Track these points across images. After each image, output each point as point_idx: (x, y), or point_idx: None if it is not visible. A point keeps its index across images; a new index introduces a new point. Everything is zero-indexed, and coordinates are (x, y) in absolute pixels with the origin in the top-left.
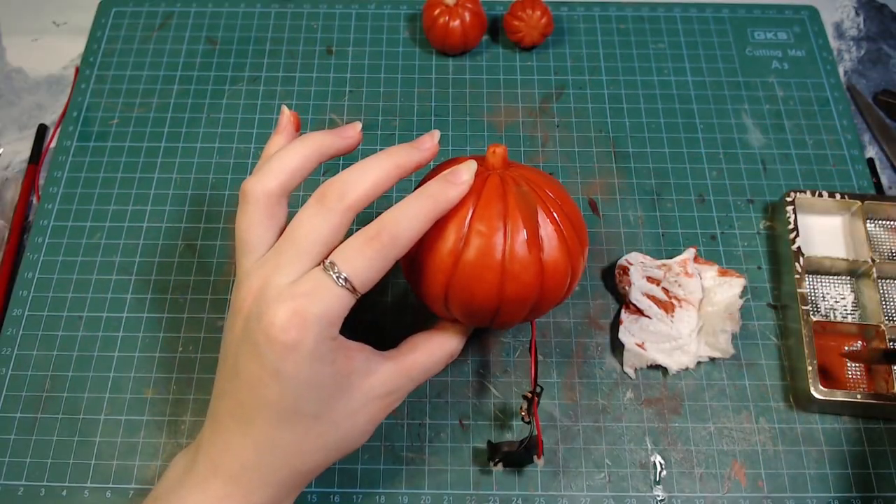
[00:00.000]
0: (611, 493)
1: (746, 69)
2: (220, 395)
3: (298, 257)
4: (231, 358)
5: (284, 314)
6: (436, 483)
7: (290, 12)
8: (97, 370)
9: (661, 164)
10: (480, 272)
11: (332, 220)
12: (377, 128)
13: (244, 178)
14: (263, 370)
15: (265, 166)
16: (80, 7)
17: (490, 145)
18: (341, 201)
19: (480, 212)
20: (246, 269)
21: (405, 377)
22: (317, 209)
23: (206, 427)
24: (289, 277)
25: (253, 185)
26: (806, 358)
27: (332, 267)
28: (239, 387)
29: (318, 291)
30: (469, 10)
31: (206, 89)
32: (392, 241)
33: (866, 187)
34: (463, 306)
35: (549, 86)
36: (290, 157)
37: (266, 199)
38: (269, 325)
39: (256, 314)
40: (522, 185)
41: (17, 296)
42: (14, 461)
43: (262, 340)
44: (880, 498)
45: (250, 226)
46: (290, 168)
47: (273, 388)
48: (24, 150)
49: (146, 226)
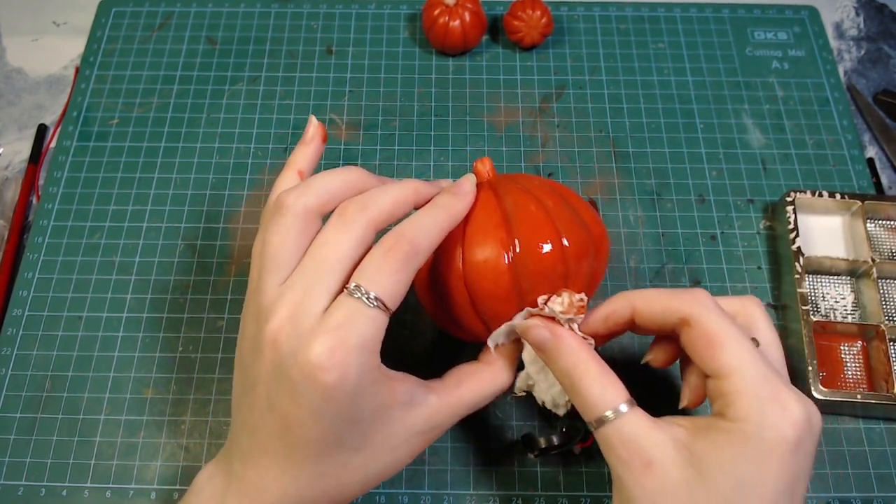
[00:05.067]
0: (611, 493)
1: (746, 69)
2: (249, 428)
3: (326, 277)
4: (261, 391)
5: (322, 351)
6: (436, 483)
7: (290, 12)
8: (97, 370)
9: (661, 164)
10: (489, 268)
11: (356, 233)
12: (377, 128)
13: (244, 177)
14: (302, 409)
15: (306, 184)
16: (80, 7)
17: (476, 160)
18: (363, 213)
19: (474, 219)
20: (272, 294)
21: (449, 413)
22: (339, 224)
23: (234, 458)
24: (319, 304)
25: (294, 199)
26: (806, 358)
27: (360, 289)
28: (274, 423)
29: (351, 319)
30: (469, 10)
31: (206, 89)
32: (412, 249)
33: (866, 187)
34: (490, 308)
35: (549, 86)
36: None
37: (305, 215)
38: (307, 363)
39: (291, 351)
40: (520, 183)
41: (17, 296)
42: (14, 461)
43: (300, 379)
44: (880, 498)
45: (283, 241)
46: (332, 189)
47: (314, 428)
48: (24, 150)
49: (146, 226)
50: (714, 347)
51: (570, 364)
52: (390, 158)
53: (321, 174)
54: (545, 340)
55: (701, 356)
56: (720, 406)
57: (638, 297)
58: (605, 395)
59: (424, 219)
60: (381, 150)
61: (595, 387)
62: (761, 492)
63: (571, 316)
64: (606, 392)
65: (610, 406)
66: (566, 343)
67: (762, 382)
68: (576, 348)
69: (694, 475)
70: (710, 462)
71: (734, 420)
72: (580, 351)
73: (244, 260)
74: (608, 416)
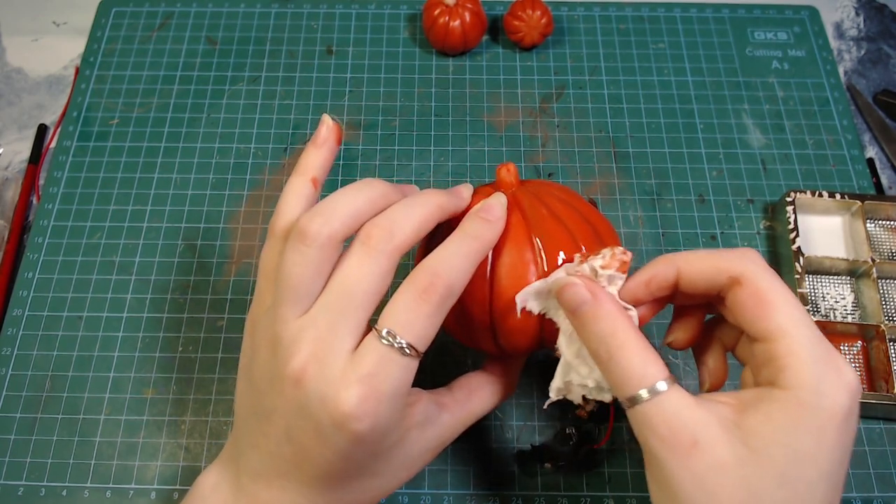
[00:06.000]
0: (611, 493)
1: (746, 69)
2: (262, 452)
3: (353, 314)
4: (279, 422)
5: (355, 400)
6: (436, 483)
7: (290, 12)
8: (97, 370)
9: (661, 164)
10: (516, 282)
11: (382, 265)
12: (377, 128)
13: (244, 177)
14: (328, 450)
15: (330, 207)
16: (80, 7)
17: (500, 165)
18: (390, 242)
19: (504, 236)
20: (293, 327)
21: (460, 426)
22: (365, 253)
23: (242, 472)
24: (346, 343)
25: (319, 228)
26: None
27: (393, 337)
28: (293, 452)
29: (384, 367)
30: (469, 10)
31: (206, 89)
32: (447, 292)
33: (866, 187)
34: (510, 334)
35: (549, 86)
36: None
37: (329, 244)
38: (337, 411)
39: (318, 395)
40: (542, 197)
41: (17, 296)
42: (14, 461)
43: (328, 424)
44: (880, 498)
45: (305, 272)
46: (358, 213)
47: (337, 464)
48: (24, 150)
49: (146, 226)
50: (766, 307)
51: (609, 331)
52: (390, 158)
53: (343, 193)
54: (582, 302)
55: (751, 317)
56: (770, 373)
57: (681, 258)
58: (647, 370)
59: (458, 254)
60: (381, 150)
61: (635, 359)
62: (819, 464)
63: (612, 272)
64: (648, 366)
65: (651, 381)
66: (605, 307)
67: (817, 344)
68: (615, 313)
69: (745, 452)
70: (763, 436)
71: (788, 387)
72: (620, 317)
73: (244, 260)
74: (648, 392)
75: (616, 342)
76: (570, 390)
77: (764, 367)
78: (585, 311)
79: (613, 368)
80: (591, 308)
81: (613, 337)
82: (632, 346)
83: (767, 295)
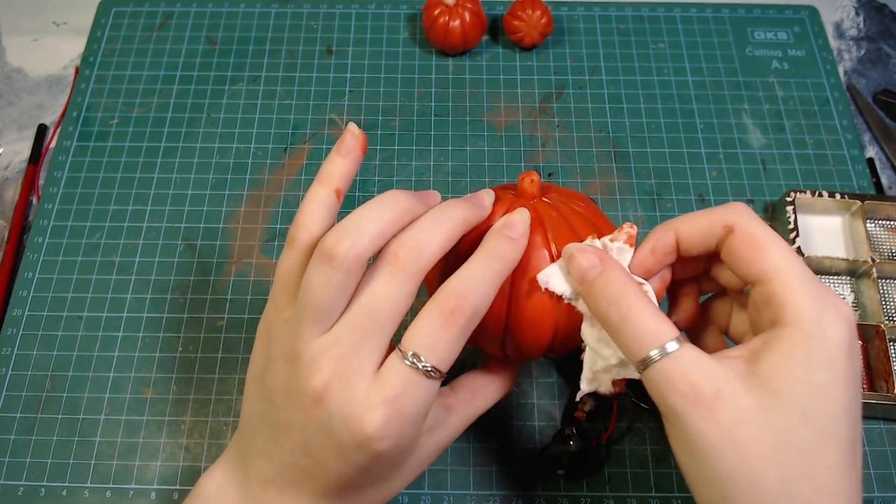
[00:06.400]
0: (611, 493)
1: (746, 69)
2: (276, 462)
3: (377, 335)
4: (297, 436)
5: (379, 422)
6: (436, 483)
7: (290, 12)
8: (97, 370)
9: (661, 164)
10: (537, 310)
11: (408, 286)
12: (377, 128)
13: (244, 177)
14: (346, 464)
15: (357, 227)
16: (80, 7)
17: (522, 174)
18: (417, 263)
19: (526, 252)
20: (315, 346)
21: (465, 426)
22: (392, 275)
23: (251, 478)
24: (370, 364)
25: (346, 250)
26: None
27: (418, 359)
28: (309, 464)
29: (408, 390)
30: (469, 10)
31: (206, 89)
32: (473, 315)
33: (866, 187)
34: (522, 345)
35: (549, 86)
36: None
37: (356, 266)
38: (361, 432)
39: (341, 415)
40: (563, 213)
41: (17, 296)
42: (14, 461)
43: (351, 443)
44: (880, 498)
45: (330, 293)
46: (385, 231)
47: (354, 477)
48: (24, 150)
49: (146, 226)
50: (759, 249)
51: (618, 292)
52: (390, 158)
53: (370, 210)
54: (591, 266)
55: (747, 260)
56: (771, 314)
57: (677, 221)
58: (659, 328)
59: (483, 275)
60: (381, 150)
61: (647, 319)
62: (837, 398)
63: (621, 244)
64: (660, 325)
65: (664, 339)
66: (613, 271)
67: (812, 280)
68: (624, 277)
69: (766, 396)
70: (780, 377)
71: (791, 322)
72: (629, 281)
73: (244, 260)
74: (663, 350)
75: (626, 303)
76: (599, 379)
77: (764, 311)
78: (594, 277)
79: (626, 329)
80: (600, 273)
81: (623, 298)
82: (641, 306)
83: (759, 238)
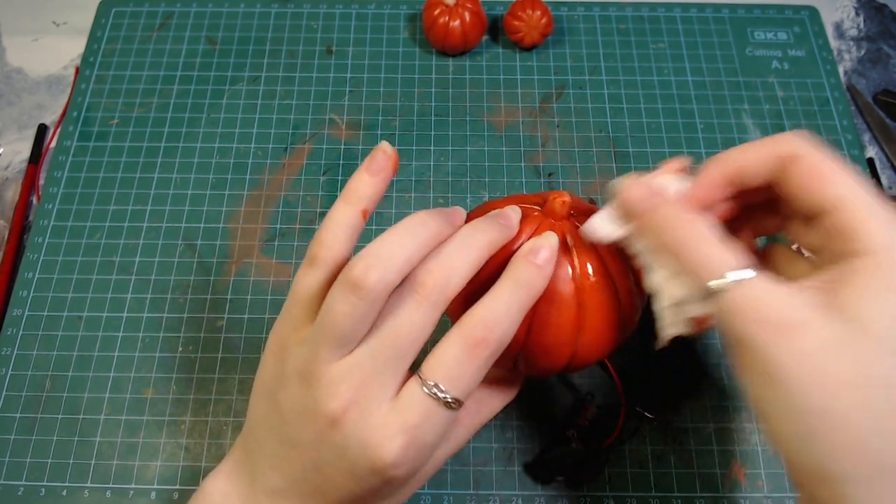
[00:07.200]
0: (611, 493)
1: (746, 69)
2: (285, 476)
3: (397, 362)
4: (309, 454)
5: (397, 451)
6: (436, 483)
7: (290, 12)
8: (97, 370)
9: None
10: (558, 337)
11: (432, 316)
12: (377, 128)
13: (244, 177)
14: (359, 486)
15: (386, 255)
16: (80, 7)
17: (553, 193)
18: (443, 293)
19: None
20: (334, 370)
21: (471, 436)
22: (417, 304)
23: (258, 488)
24: (389, 390)
25: (375, 281)
26: None
27: (440, 389)
28: (319, 481)
29: (428, 419)
30: (469, 10)
31: (206, 89)
32: (499, 347)
33: None
34: (536, 367)
35: (549, 86)
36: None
37: (383, 296)
38: (378, 459)
39: (358, 440)
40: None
41: (17, 296)
42: (14, 461)
43: (366, 468)
44: None
45: (354, 322)
46: (413, 259)
47: (365, 497)
48: (24, 150)
49: (146, 226)
50: (826, 178)
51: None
52: None
53: (398, 236)
54: (648, 196)
55: (814, 188)
56: (843, 245)
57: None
58: (729, 256)
59: (510, 305)
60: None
61: (714, 246)
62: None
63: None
64: (729, 252)
65: (738, 265)
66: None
67: (881, 205)
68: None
69: (849, 326)
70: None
71: (867, 252)
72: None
73: (244, 260)
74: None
75: (689, 232)
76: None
77: (834, 242)
78: (652, 205)
79: (693, 256)
80: (657, 205)
81: (686, 225)
82: (707, 233)
83: (824, 166)
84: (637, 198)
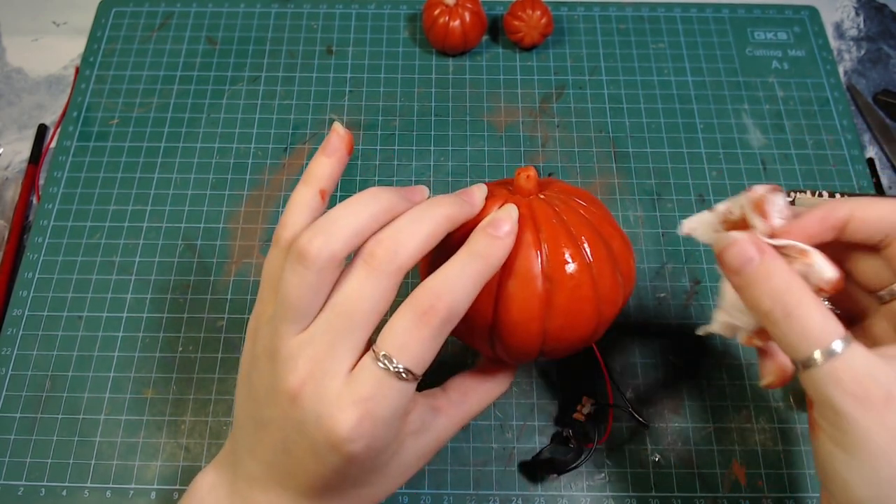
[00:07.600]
0: (611, 493)
1: (746, 69)
2: (259, 460)
3: (351, 335)
4: (276, 434)
5: (350, 423)
6: (436, 483)
7: (290, 12)
8: (97, 370)
9: (661, 164)
10: (523, 313)
11: (384, 285)
12: (377, 128)
13: (244, 177)
14: (322, 465)
15: (332, 225)
16: (80, 7)
17: (519, 169)
18: (393, 262)
19: (515, 249)
20: (291, 344)
21: (456, 428)
22: (367, 274)
23: (238, 476)
24: (344, 364)
25: (318, 249)
26: None
27: (390, 360)
28: (289, 464)
29: (381, 391)
30: (469, 10)
31: (206, 89)
32: (448, 315)
33: (866, 187)
34: (509, 347)
35: (549, 86)
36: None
37: (330, 266)
38: (332, 432)
39: (314, 414)
40: (560, 211)
41: (17, 296)
42: (14, 461)
43: (324, 444)
44: None
45: (305, 292)
46: (362, 230)
47: (332, 478)
48: (24, 150)
49: (146, 226)
50: None
51: (784, 287)
52: (390, 158)
53: (346, 208)
54: (749, 260)
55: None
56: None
57: (854, 201)
58: (828, 326)
59: (462, 275)
60: (381, 150)
61: (816, 315)
62: None
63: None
64: (828, 322)
65: (832, 337)
66: (776, 262)
67: None
68: (786, 268)
69: None
70: None
71: None
72: (793, 274)
73: (244, 260)
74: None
75: (793, 299)
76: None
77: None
78: (753, 271)
79: (793, 327)
80: (761, 266)
81: (790, 293)
82: (808, 302)
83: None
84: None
